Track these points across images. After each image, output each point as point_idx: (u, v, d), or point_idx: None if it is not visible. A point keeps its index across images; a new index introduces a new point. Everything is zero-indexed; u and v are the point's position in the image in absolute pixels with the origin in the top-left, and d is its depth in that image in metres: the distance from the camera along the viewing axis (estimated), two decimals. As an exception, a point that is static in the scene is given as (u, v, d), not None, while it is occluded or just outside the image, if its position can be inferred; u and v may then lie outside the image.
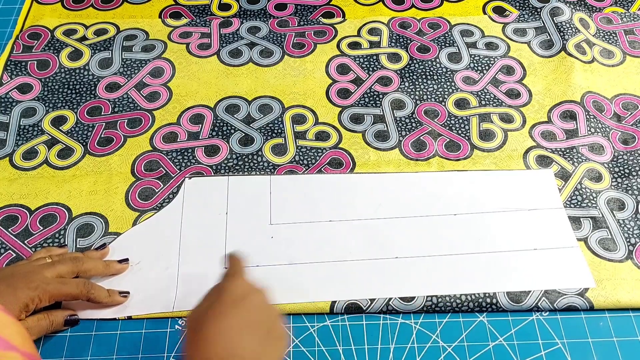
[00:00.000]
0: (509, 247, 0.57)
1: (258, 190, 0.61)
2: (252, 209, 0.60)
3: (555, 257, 0.56)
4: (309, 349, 0.52)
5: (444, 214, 0.59)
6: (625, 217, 0.60)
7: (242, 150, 0.64)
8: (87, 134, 0.66)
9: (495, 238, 0.57)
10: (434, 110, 0.68)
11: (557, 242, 0.57)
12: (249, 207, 0.60)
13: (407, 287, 0.54)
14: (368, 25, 0.76)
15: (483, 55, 0.73)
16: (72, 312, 0.52)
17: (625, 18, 0.77)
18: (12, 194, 0.61)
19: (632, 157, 0.64)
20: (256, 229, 0.58)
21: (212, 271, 0.54)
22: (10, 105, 0.68)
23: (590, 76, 0.71)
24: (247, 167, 0.63)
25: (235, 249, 0.55)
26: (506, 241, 0.57)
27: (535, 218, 0.59)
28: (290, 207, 0.60)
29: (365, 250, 0.57)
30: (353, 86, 0.70)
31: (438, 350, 0.52)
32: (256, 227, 0.58)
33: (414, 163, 0.64)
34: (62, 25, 0.76)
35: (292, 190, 0.61)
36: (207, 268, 0.55)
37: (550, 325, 0.54)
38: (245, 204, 0.60)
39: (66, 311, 0.52)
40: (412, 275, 0.55)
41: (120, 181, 0.62)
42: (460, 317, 0.54)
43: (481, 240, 0.57)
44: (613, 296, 0.55)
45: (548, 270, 0.56)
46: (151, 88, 0.70)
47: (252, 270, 0.55)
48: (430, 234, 0.58)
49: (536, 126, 0.67)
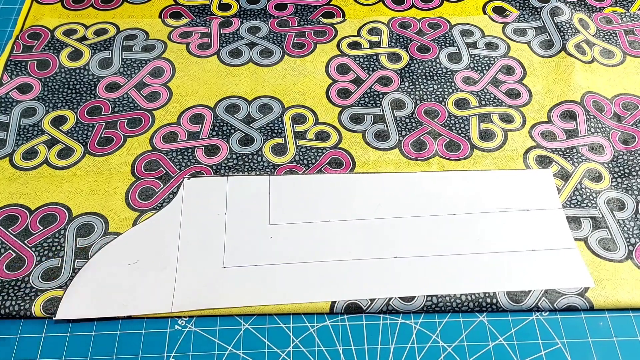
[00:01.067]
0: (507, 248, 0.57)
1: (257, 191, 0.61)
2: (251, 209, 0.60)
3: (554, 257, 0.56)
4: (309, 349, 0.52)
5: (443, 214, 0.59)
6: (625, 217, 0.60)
7: (242, 150, 0.64)
8: (87, 134, 0.66)
9: (494, 238, 0.57)
10: (434, 110, 0.68)
11: (555, 244, 0.57)
12: (248, 207, 0.60)
13: (407, 286, 0.54)
14: (368, 25, 0.76)
15: (483, 55, 0.73)
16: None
17: (625, 18, 0.77)
18: (12, 194, 0.61)
19: (632, 157, 0.64)
20: (255, 228, 0.58)
21: (211, 271, 0.54)
22: (10, 105, 0.68)
23: (590, 76, 0.71)
24: (247, 167, 0.63)
25: (234, 248, 0.55)
26: (504, 241, 0.57)
27: (533, 218, 0.59)
28: (289, 207, 0.60)
29: (364, 250, 0.57)
30: (353, 86, 0.70)
31: (438, 350, 0.52)
32: (255, 227, 0.58)
33: (414, 163, 0.64)
34: (62, 25, 0.76)
35: (291, 191, 0.61)
36: (205, 268, 0.55)
37: (550, 325, 0.54)
38: (245, 204, 0.60)
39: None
40: (411, 275, 0.55)
41: (120, 181, 0.62)
42: (460, 317, 0.54)
43: (480, 241, 0.57)
44: (613, 296, 0.55)
45: (547, 270, 0.56)
46: (151, 88, 0.70)
47: (250, 271, 0.55)
48: (429, 233, 0.58)
49: (536, 126, 0.67)
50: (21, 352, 0.52)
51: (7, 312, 0.53)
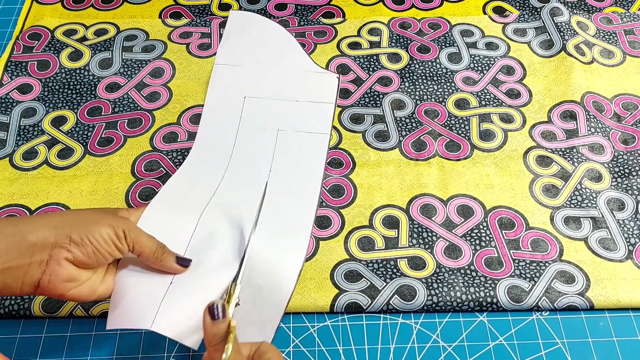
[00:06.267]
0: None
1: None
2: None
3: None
4: (309, 349, 0.52)
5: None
6: (625, 217, 0.60)
7: (242, 150, 0.64)
8: (87, 134, 0.66)
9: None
10: (434, 111, 0.68)
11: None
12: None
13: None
14: (368, 25, 0.76)
15: (483, 56, 0.73)
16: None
17: (625, 18, 0.77)
18: (13, 194, 0.61)
19: (632, 157, 0.64)
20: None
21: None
22: (11, 105, 0.68)
23: (590, 76, 0.71)
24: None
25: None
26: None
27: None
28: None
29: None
30: (353, 86, 0.70)
31: (438, 350, 0.52)
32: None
33: (414, 163, 0.64)
34: (62, 25, 0.76)
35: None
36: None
37: (550, 325, 0.54)
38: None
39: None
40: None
41: (121, 181, 0.62)
42: (460, 317, 0.54)
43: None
44: (613, 296, 0.55)
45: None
46: (151, 88, 0.70)
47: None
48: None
49: (536, 126, 0.67)
50: (21, 352, 0.52)
51: (6, 311, 0.53)
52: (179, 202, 0.56)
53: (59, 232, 0.44)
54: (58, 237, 0.44)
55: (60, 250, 0.43)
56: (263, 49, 0.71)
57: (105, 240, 0.45)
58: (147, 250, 0.48)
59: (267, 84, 0.68)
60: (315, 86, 0.68)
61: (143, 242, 0.47)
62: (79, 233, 0.44)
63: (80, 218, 0.46)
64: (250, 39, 0.73)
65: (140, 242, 0.47)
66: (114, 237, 0.46)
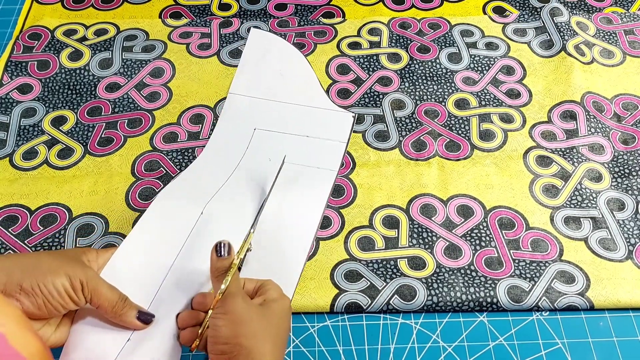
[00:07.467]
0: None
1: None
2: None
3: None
4: (309, 349, 0.52)
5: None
6: (625, 217, 0.60)
7: (242, 151, 0.64)
8: (87, 134, 0.66)
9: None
10: (434, 111, 0.68)
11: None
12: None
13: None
14: (368, 25, 0.76)
15: (483, 56, 0.73)
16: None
17: (625, 18, 0.77)
18: (13, 194, 0.61)
19: (632, 157, 0.64)
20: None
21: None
22: (11, 105, 0.68)
23: (590, 76, 0.71)
24: (247, 167, 0.63)
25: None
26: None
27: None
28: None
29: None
30: (353, 86, 0.70)
31: (438, 350, 0.52)
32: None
33: (414, 163, 0.64)
34: (62, 25, 0.76)
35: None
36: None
37: (550, 325, 0.54)
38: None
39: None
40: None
41: (121, 181, 0.62)
42: (460, 317, 0.54)
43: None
44: (613, 296, 0.55)
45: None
46: (151, 88, 0.70)
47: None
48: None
49: (536, 126, 0.67)
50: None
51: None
52: (157, 238, 0.53)
53: (9, 278, 0.41)
54: (8, 284, 0.41)
55: (9, 299, 0.40)
56: (280, 84, 0.69)
57: (59, 292, 0.42)
58: (105, 303, 0.44)
59: (280, 118, 0.66)
60: (329, 124, 0.66)
61: (102, 294, 0.44)
62: (31, 281, 0.41)
63: (35, 264, 0.42)
64: (269, 70, 0.70)
65: (99, 294, 0.44)
66: (69, 289, 0.42)
